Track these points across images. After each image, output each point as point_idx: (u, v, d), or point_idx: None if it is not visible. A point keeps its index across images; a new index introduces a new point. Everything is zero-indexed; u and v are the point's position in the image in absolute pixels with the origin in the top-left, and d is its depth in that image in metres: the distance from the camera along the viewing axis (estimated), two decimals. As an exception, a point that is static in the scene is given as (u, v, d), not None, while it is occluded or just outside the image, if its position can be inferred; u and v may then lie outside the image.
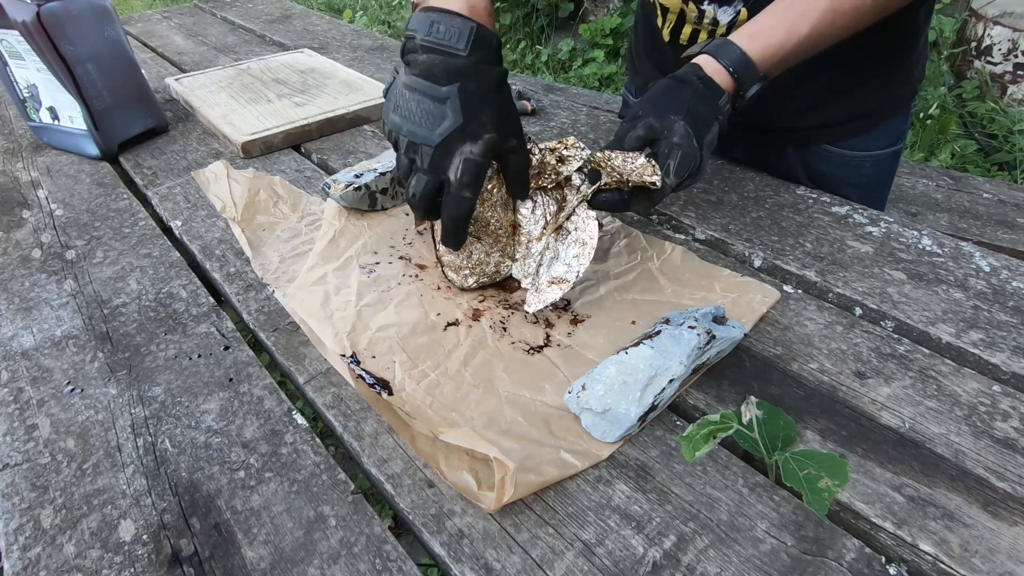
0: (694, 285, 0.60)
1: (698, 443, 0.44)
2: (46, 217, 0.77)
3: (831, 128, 0.75)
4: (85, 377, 0.54)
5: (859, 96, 0.72)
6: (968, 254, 0.64)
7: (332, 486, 0.44)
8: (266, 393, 0.52)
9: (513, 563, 0.39)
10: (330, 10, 3.96)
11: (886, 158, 0.78)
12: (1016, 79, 2.14)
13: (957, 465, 0.44)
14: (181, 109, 1.05)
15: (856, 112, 0.73)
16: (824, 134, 0.76)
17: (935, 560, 0.39)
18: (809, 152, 0.78)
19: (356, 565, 0.39)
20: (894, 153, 0.78)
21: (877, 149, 0.76)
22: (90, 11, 0.83)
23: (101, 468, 0.46)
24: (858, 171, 0.77)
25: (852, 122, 0.74)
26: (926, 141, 2.09)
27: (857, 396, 0.49)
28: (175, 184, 0.83)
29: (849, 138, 0.75)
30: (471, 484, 0.42)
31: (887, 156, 0.78)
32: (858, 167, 0.77)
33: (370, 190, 0.71)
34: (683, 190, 0.57)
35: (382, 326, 0.56)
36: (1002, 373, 0.51)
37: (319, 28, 1.46)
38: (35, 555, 0.41)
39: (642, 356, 0.47)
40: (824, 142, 0.76)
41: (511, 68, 2.97)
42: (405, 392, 0.50)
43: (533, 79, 1.19)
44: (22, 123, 1.02)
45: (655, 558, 0.39)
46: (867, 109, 0.73)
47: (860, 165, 0.77)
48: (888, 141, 0.77)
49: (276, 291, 0.62)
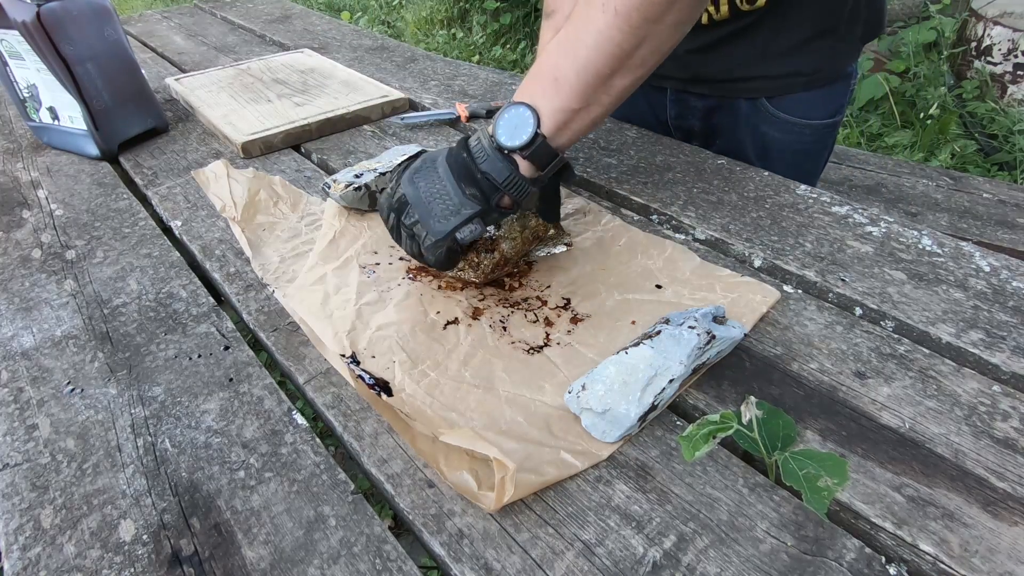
0: (694, 285, 0.60)
1: (698, 443, 0.44)
2: (46, 217, 0.77)
3: (774, 80, 0.81)
4: (85, 377, 0.54)
5: (800, 55, 0.79)
6: (968, 254, 0.64)
7: (332, 486, 0.44)
8: (266, 393, 0.52)
9: (513, 563, 0.39)
10: (330, 10, 3.96)
11: (824, 128, 0.86)
12: (1016, 79, 2.14)
13: (957, 465, 0.44)
14: (181, 109, 1.05)
15: (797, 69, 0.80)
16: (767, 86, 0.82)
17: (935, 560, 0.39)
18: (758, 115, 0.84)
19: (356, 565, 0.39)
20: (832, 124, 0.86)
21: (817, 119, 0.84)
22: (90, 11, 0.83)
23: (101, 468, 0.46)
24: (800, 137, 0.85)
25: (793, 77, 0.80)
26: (926, 141, 2.09)
27: (857, 396, 0.49)
28: (175, 184, 0.83)
29: (792, 93, 0.82)
30: (471, 484, 0.42)
31: (826, 127, 0.86)
32: (799, 133, 0.85)
33: (370, 190, 0.71)
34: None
35: (381, 325, 0.56)
36: (1002, 373, 0.51)
37: (319, 28, 1.46)
38: (35, 555, 0.41)
39: (642, 356, 0.47)
40: (764, 95, 0.83)
41: (511, 68, 2.97)
42: (405, 392, 0.50)
43: (533, 79, 1.18)
44: (22, 123, 1.02)
45: (655, 558, 0.39)
46: (807, 69, 0.80)
47: (801, 132, 0.85)
48: (827, 112, 0.84)
49: (276, 291, 0.62)
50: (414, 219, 0.55)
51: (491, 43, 3.21)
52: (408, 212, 0.55)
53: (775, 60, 0.79)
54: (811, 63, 0.79)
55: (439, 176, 0.54)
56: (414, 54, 1.28)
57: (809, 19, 0.76)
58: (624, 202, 0.76)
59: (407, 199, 0.55)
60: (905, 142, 2.12)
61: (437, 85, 1.11)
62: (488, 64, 3.04)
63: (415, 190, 0.54)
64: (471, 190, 0.53)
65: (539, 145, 0.52)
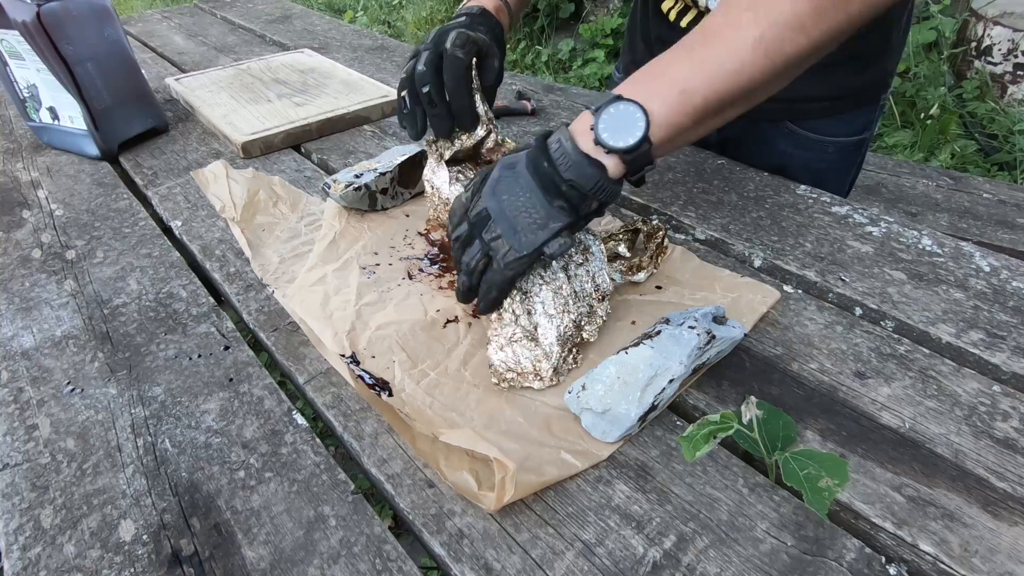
0: (694, 285, 0.60)
1: (698, 443, 0.44)
2: (46, 217, 0.77)
3: (796, 105, 0.75)
4: (85, 377, 0.54)
5: (829, 79, 0.73)
6: (968, 254, 0.64)
7: (332, 486, 0.44)
8: (266, 393, 0.52)
9: (513, 563, 0.39)
10: (330, 10, 3.96)
11: (850, 146, 0.79)
12: (1016, 79, 2.14)
13: (957, 465, 0.44)
14: (181, 109, 1.05)
15: (824, 95, 0.74)
16: (787, 111, 0.76)
17: (935, 560, 0.39)
18: (775, 131, 0.79)
19: (356, 565, 0.39)
20: (859, 142, 0.79)
21: (842, 136, 0.77)
22: (90, 11, 0.83)
23: (101, 468, 0.46)
24: (820, 154, 0.78)
25: (818, 102, 0.75)
26: (926, 141, 2.09)
27: (857, 396, 0.49)
28: (175, 184, 0.83)
29: (815, 118, 0.76)
30: (471, 484, 0.42)
31: (851, 144, 0.79)
32: (820, 150, 0.78)
33: (370, 190, 0.71)
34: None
35: (381, 324, 0.56)
36: (1002, 373, 0.51)
37: (319, 28, 1.46)
38: (35, 555, 0.41)
39: (642, 356, 0.47)
40: (787, 118, 0.77)
41: (511, 68, 2.97)
42: (405, 393, 0.50)
43: (533, 79, 1.18)
44: (22, 123, 1.02)
45: (655, 558, 0.39)
46: (835, 93, 0.74)
47: (823, 149, 0.78)
48: (854, 129, 0.78)
49: (276, 291, 0.62)
50: (495, 234, 0.49)
51: (491, 43, 3.21)
52: (489, 227, 0.49)
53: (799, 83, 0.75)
54: (834, 87, 0.74)
55: (522, 187, 0.49)
56: (414, 54, 1.28)
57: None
58: (624, 202, 0.76)
59: (489, 212, 0.49)
60: (905, 142, 2.12)
61: (437, 85, 1.11)
62: (488, 64, 3.03)
63: (498, 203, 0.49)
64: (558, 202, 0.48)
65: (643, 151, 0.48)
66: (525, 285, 0.51)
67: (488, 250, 0.49)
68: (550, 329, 0.51)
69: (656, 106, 0.47)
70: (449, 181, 0.61)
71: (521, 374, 0.50)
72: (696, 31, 0.49)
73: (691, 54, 0.48)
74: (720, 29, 0.47)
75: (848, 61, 0.71)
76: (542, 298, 0.51)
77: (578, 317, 0.52)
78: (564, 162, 0.48)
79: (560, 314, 0.51)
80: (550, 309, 0.51)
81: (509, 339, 0.50)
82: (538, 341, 0.50)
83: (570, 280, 0.52)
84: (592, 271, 0.54)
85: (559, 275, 0.52)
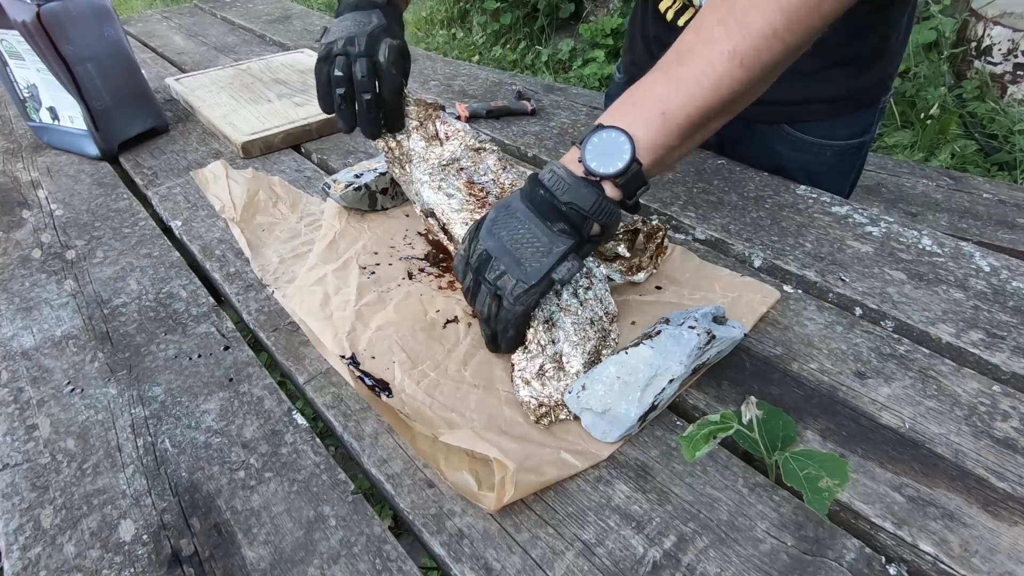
0: (694, 285, 0.60)
1: (698, 443, 0.44)
2: (46, 217, 0.77)
3: (792, 107, 0.75)
4: (85, 377, 0.54)
5: (826, 81, 0.72)
6: (968, 254, 0.64)
7: (332, 486, 0.44)
8: (266, 393, 0.52)
9: (513, 563, 0.39)
10: (330, 10, 3.96)
11: (849, 149, 0.78)
12: (1016, 79, 2.14)
13: (957, 465, 0.44)
14: (181, 109, 1.05)
15: (820, 97, 0.74)
16: (783, 113, 0.76)
17: (935, 560, 0.39)
18: (772, 134, 0.78)
19: (356, 565, 0.39)
20: (858, 145, 0.78)
21: (840, 139, 0.77)
22: (90, 11, 0.83)
23: (101, 468, 0.46)
24: (818, 158, 0.77)
25: (815, 104, 0.74)
26: (926, 141, 2.09)
27: (857, 396, 0.49)
28: (175, 184, 0.83)
29: (813, 119, 0.76)
30: (471, 484, 0.42)
31: (850, 148, 0.78)
32: (818, 154, 0.77)
33: (370, 190, 0.71)
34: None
35: (381, 325, 0.56)
36: (1002, 373, 0.51)
37: (319, 28, 1.46)
38: (35, 555, 0.41)
39: (642, 356, 0.47)
40: (784, 121, 0.77)
41: (511, 68, 2.97)
42: (405, 393, 0.50)
43: (533, 79, 1.19)
44: (22, 123, 1.02)
45: (655, 558, 0.39)
46: (832, 96, 0.74)
47: (821, 152, 0.77)
48: (852, 132, 0.77)
49: (275, 291, 0.62)
50: (499, 271, 0.48)
51: (491, 43, 3.21)
52: (492, 266, 0.49)
53: (794, 85, 0.70)
54: (831, 90, 0.73)
55: (519, 220, 0.49)
56: (414, 54, 1.28)
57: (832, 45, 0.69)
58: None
59: (489, 252, 0.49)
60: (905, 142, 2.12)
61: (437, 85, 1.11)
62: (488, 64, 3.04)
63: (497, 241, 0.49)
64: (559, 225, 0.48)
65: (633, 174, 0.48)
66: (544, 314, 0.50)
67: (495, 290, 0.48)
68: (575, 357, 0.50)
69: (640, 130, 0.48)
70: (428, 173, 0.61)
71: (554, 407, 0.48)
72: (671, 51, 0.49)
73: (668, 74, 0.48)
74: (693, 46, 0.48)
75: (845, 64, 0.71)
76: (564, 327, 0.51)
77: (598, 343, 0.52)
78: (560, 186, 0.48)
79: (583, 341, 0.50)
80: (573, 337, 0.50)
81: (536, 373, 0.49)
82: (565, 371, 0.50)
83: (582, 305, 0.52)
84: (599, 294, 0.53)
85: (573, 302, 0.52)
